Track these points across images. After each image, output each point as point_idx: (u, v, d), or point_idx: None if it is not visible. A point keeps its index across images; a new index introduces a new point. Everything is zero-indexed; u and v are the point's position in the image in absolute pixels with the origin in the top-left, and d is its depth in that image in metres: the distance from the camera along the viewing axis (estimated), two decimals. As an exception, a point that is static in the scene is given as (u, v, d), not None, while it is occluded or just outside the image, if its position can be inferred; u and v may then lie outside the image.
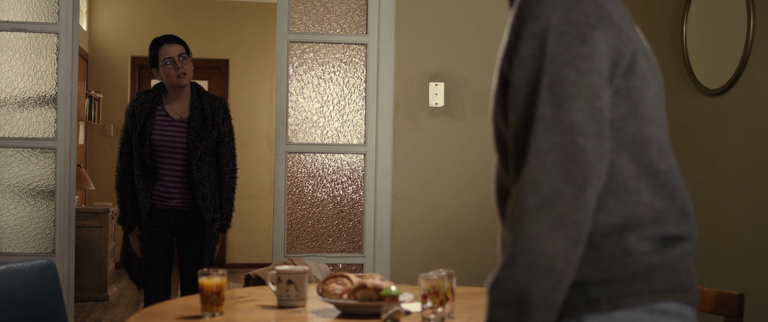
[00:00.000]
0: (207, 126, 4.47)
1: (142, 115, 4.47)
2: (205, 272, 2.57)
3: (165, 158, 4.46)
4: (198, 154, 4.44)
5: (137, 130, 4.46)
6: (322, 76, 4.71)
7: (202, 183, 4.44)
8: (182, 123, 4.49)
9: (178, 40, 4.55)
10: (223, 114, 4.55)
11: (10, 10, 4.54)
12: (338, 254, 4.70)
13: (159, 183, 4.48)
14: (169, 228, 4.55)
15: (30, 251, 4.52)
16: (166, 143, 4.45)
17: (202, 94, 4.57)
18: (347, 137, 4.71)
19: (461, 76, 4.73)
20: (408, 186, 4.71)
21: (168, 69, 4.46)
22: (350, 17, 4.70)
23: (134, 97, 4.59)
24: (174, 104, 4.54)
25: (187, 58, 4.49)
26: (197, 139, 4.44)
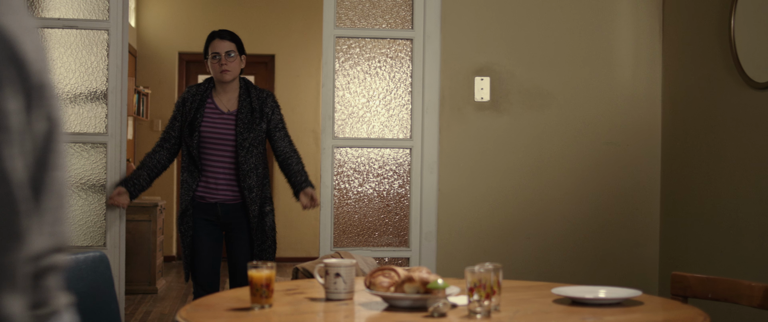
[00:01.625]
0: (255, 118, 4.50)
1: (193, 108, 4.52)
2: (254, 264, 2.60)
3: (213, 151, 4.49)
4: (246, 146, 4.46)
5: (187, 121, 4.52)
6: (368, 71, 4.73)
7: (248, 175, 4.45)
8: (231, 116, 4.52)
9: (232, 37, 4.57)
10: (272, 104, 4.57)
11: (61, 8, 4.61)
12: (384, 247, 4.72)
13: (208, 176, 4.50)
14: (217, 221, 4.54)
15: (82, 244, 4.60)
16: (215, 135, 4.48)
17: (250, 88, 4.60)
18: (393, 132, 4.74)
19: (507, 70, 4.73)
20: (454, 180, 4.72)
21: (213, 63, 4.52)
22: (396, 12, 4.72)
23: (186, 89, 4.66)
24: (223, 98, 4.57)
25: (234, 56, 4.53)
26: (245, 130, 4.46)
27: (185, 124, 4.54)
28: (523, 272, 4.58)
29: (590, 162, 4.79)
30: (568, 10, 4.77)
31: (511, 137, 4.74)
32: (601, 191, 4.80)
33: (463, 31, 4.72)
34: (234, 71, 4.55)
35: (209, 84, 4.63)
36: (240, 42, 4.61)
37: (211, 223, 4.55)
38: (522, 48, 4.75)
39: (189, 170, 4.53)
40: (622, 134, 4.79)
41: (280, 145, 4.56)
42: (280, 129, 4.58)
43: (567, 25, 4.77)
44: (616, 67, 4.80)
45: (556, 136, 4.76)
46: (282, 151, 4.56)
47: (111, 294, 3.03)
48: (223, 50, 4.51)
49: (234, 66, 4.54)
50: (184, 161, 4.55)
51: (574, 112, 4.77)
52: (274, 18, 10.29)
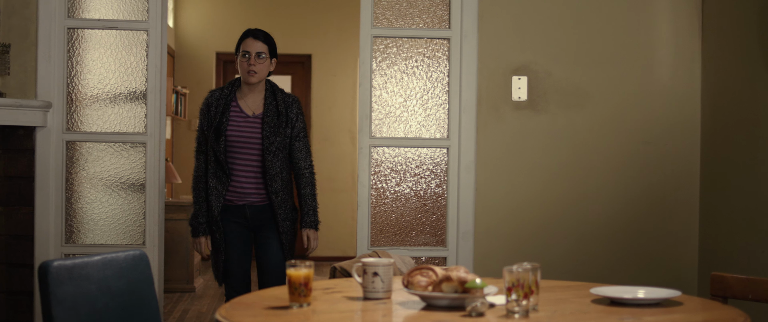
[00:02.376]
0: (281, 122, 4.41)
1: (218, 112, 4.41)
2: (293, 263, 2.61)
3: (240, 155, 4.39)
4: (272, 150, 4.37)
5: (213, 127, 4.39)
6: (405, 71, 4.74)
7: (275, 179, 4.38)
8: (256, 119, 4.41)
9: (266, 38, 4.46)
10: (297, 110, 4.48)
11: (102, 9, 4.66)
12: (422, 247, 4.73)
13: (234, 180, 4.39)
14: (245, 223, 4.45)
15: (121, 243, 4.65)
16: (241, 139, 4.38)
17: (275, 91, 4.50)
18: (430, 131, 4.74)
19: (544, 69, 4.71)
20: (491, 180, 4.71)
21: (242, 62, 4.41)
22: (433, 12, 4.72)
23: (208, 94, 4.51)
24: (248, 100, 4.46)
25: (264, 58, 4.41)
26: (271, 134, 4.37)
27: (211, 129, 4.40)
28: (561, 272, 4.56)
29: (628, 162, 4.76)
30: (606, 8, 4.75)
31: (548, 137, 4.73)
32: (640, 191, 4.77)
33: (501, 30, 4.71)
34: (261, 74, 4.43)
35: (233, 86, 4.50)
36: (273, 45, 4.50)
37: (240, 225, 4.46)
38: (559, 47, 4.73)
39: (217, 176, 4.41)
40: (660, 133, 4.76)
41: (297, 157, 4.48)
42: (301, 138, 4.48)
43: (605, 24, 4.75)
44: (655, 65, 4.77)
45: (593, 135, 4.74)
46: (297, 163, 4.48)
47: (151, 292, 3.06)
48: (254, 50, 4.40)
49: (262, 68, 4.42)
50: (212, 166, 4.41)
51: (611, 111, 4.75)
52: (311, 18, 10.32)
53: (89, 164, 4.65)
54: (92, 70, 4.66)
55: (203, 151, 4.45)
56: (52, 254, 4.55)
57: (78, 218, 4.65)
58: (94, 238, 4.66)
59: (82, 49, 4.65)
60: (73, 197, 4.64)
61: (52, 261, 2.73)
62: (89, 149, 4.65)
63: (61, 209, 4.59)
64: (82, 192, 4.65)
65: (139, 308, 3.00)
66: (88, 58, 4.65)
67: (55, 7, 4.55)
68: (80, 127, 4.64)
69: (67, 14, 4.59)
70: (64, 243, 4.60)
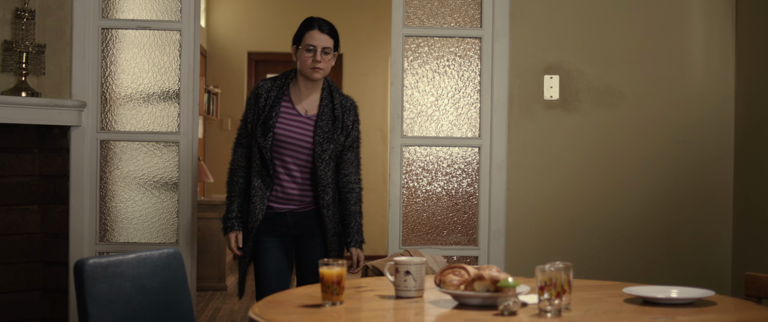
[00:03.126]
0: (336, 128, 4.06)
1: (268, 105, 4.04)
2: (325, 262, 2.63)
3: (286, 157, 4.02)
4: (325, 158, 4.00)
5: (260, 120, 4.03)
6: (437, 70, 4.74)
7: (326, 190, 4.03)
8: (309, 120, 4.04)
9: (332, 32, 4.11)
10: (354, 117, 4.14)
11: (135, 9, 4.70)
12: (453, 246, 4.73)
13: (278, 183, 4.03)
14: (287, 232, 4.09)
15: (154, 241, 4.68)
16: (290, 140, 4.01)
17: (334, 91, 4.15)
18: (462, 130, 4.73)
19: (576, 68, 4.70)
20: (523, 179, 4.71)
21: (305, 56, 4.01)
22: (464, 11, 4.72)
23: (259, 83, 4.15)
24: (302, 97, 4.09)
25: (330, 54, 4.05)
26: (325, 140, 4.01)
27: (258, 122, 4.03)
28: (593, 271, 4.55)
29: (661, 161, 4.73)
30: (639, 6, 4.72)
31: (580, 136, 4.71)
32: (673, 190, 4.74)
33: (533, 29, 4.70)
34: (327, 70, 4.08)
35: (286, 80, 4.12)
36: (338, 38, 4.15)
37: (280, 235, 4.09)
38: (592, 46, 4.72)
39: (262, 176, 4.04)
40: (693, 133, 4.73)
41: (346, 169, 4.14)
42: (354, 149, 4.16)
43: (637, 22, 4.72)
44: (688, 64, 4.75)
45: (626, 134, 4.72)
46: (347, 177, 4.14)
47: (184, 290, 3.08)
48: (321, 45, 4.03)
49: (327, 65, 4.07)
50: (256, 165, 4.04)
51: (644, 110, 4.72)
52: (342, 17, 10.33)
53: (123, 163, 4.69)
54: (126, 70, 4.70)
55: (243, 145, 4.13)
56: (87, 253, 4.59)
57: (112, 217, 4.69)
58: (127, 236, 4.70)
59: (116, 49, 4.69)
60: (107, 195, 4.68)
61: (87, 259, 2.76)
62: (123, 148, 4.69)
63: (96, 208, 4.64)
64: (116, 191, 4.69)
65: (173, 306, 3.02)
66: (121, 58, 4.69)
67: (89, 8, 4.59)
68: (114, 126, 4.68)
69: (101, 14, 4.63)
70: (99, 241, 4.64)
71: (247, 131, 4.12)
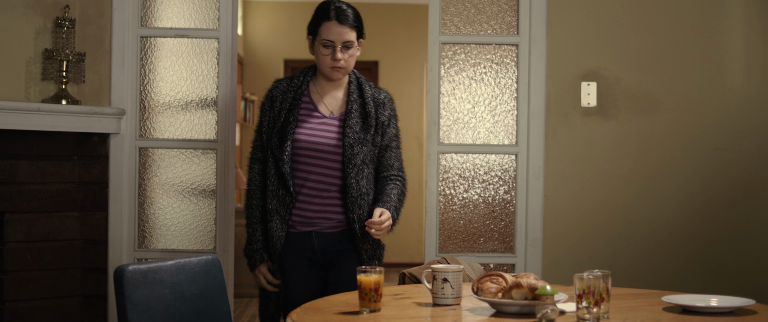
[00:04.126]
0: (368, 126, 3.52)
1: (284, 108, 3.51)
2: (363, 269, 2.63)
3: (309, 166, 3.48)
4: (356, 164, 3.47)
5: (276, 127, 3.50)
6: (474, 77, 4.74)
7: (358, 202, 3.49)
8: (335, 120, 3.54)
9: (354, 21, 3.53)
10: (390, 111, 3.65)
11: (173, 18, 4.73)
12: (490, 253, 4.71)
13: (300, 200, 3.49)
14: (313, 257, 3.55)
15: (192, 248, 4.71)
16: (313, 146, 3.48)
17: (363, 84, 3.62)
18: (499, 138, 4.72)
19: (614, 75, 4.68)
20: (560, 186, 4.69)
21: (322, 53, 3.51)
22: (501, 18, 4.71)
23: (272, 85, 3.66)
24: (325, 95, 3.59)
25: (352, 48, 3.51)
26: (356, 142, 3.47)
27: (273, 130, 3.51)
28: (631, 279, 4.52)
29: (700, 168, 4.70)
30: (677, 12, 4.69)
31: (618, 143, 4.69)
32: (711, 198, 4.70)
33: (570, 35, 4.69)
34: (348, 68, 3.54)
35: (305, 77, 3.61)
36: (361, 25, 3.59)
37: (304, 260, 3.54)
38: (629, 52, 4.69)
39: (279, 196, 3.47)
40: (733, 140, 4.69)
41: (385, 172, 3.62)
42: (393, 148, 3.64)
43: (676, 28, 4.69)
44: (727, 70, 4.71)
45: (664, 141, 4.69)
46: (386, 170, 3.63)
47: (223, 297, 3.10)
48: (340, 40, 3.48)
49: (349, 61, 3.52)
50: (272, 182, 3.49)
51: (683, 117, 4.69)
52: (378, 24, 10.36)
53: (161, 170, 4.72)
54: (164, 78, 4.74)
55: (259, 159, 3.60)
56: (126, 259, 4.63)
57: (150, 224, 4.73)
58: (166, 243, 4.73)
59: (155, 58, 4.73)
60: (145, 202, 4.71)
61: (127, 266, 2.79)
62: (161, 156, 4.73)
63: (134, 215, 4.67)
64: (155, 198, 4.73)
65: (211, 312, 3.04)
66: (160, 66, 4.73)
67: (128, 16, 4.63)
68: (153, 134, 4.72)
69: (140, 23, 4.67)
70: (137, 248, 4.68)
71: (263, 143, 3.58)
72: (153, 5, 4.71)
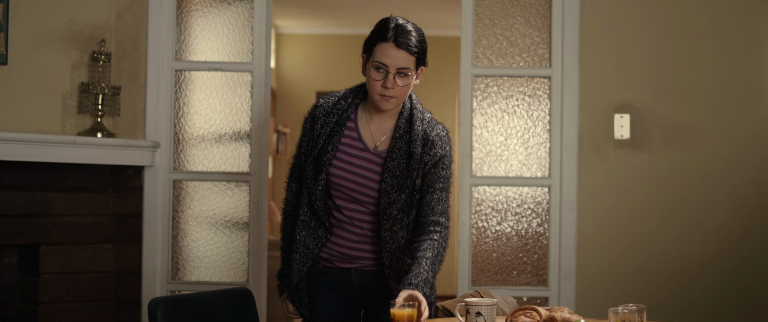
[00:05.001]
0: (411, 169, 3.04)
1: (324, 133, 3.10)
2: (394, 303, 2.63)
3: (344, 203, 3.13)
4: (393, 214, 3.05)
5: (313, 153, 3.11)
6: (506, 110, 4.73)
7: (395, 255, 3.10)
8: (377, 157, 3.10)
9: (415, 45, 3.02)
10: (440, 152, 3.11)
11: (207, 51, 4.78)
12: (523, 286, 4.69)
13: (336, 235, 3.16)
14: (352, 295, 3.23)
15: (225, 280, 4.72)
16: (348, 185, 3.10)
17: (415, 117, 3.12)
18: (531, 170, 4.71)
19: (647, 107, 4.66)
20: (593, 219, 4.66)
21: (374, 78, 3.02)
22: (533, 50, 4.71)
23: (317, 102, 3.22)
24: (373, 123, 3.14)
25: (408, 76, 3.02)
26: (393, 190, 3.02)
27: (310, 156, 3.11)
28: (666, 313, 4.47)
29: (735, 201, 4.65)
30: (711, 43, 4.67)
31: (652, 175, 4.66)
32: (747, 231, 4.65)
33: (602, 67, 4.68)
34: (400, 99, 3.05)
35: (354, 98, 3.17)
36: (423, 52, 3.10)
37: (341, 294, 3.22)
38: (663, 84, 4.67)
39: (309, 227, 3.13)
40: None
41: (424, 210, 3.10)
42: (439, 189, 3.10)
43: (710, 60, 4.67)
44: (763, 101, 4.67)
45: (699, 173, 4.65)
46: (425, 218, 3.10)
47: (256, 329, 3.10)
48: (395, 66, 2.99)
49: (402, 91, 3.03)
50: (304, 212, 3.14)
51: (718, 148, 4.65)
52: (410, 57, 10.39)
53: (195, 202, 4.75)
54: (198, 111, 4.77)
55: (297, 179, 3.26)
56: (159, 291, 4.64)
57: (184, 256, 4.75)
58: (199, 275, 4.74)
59: (189, 91, 4.76)
60: (179, 234, 4.74)
61: (161, 298, 2.80)
62: (195, 188, 4.75)
63: (168, 247, 4.69)
64: (188, 230, 4.75)
65: (244, 345, 3.05)
66: (194, 99, 4.77)
67: (163, 50, 4.68)
68: (186, 166, 4.75)
69: (175, 57, 4.71)
70: (170, 280, 4.70)
71: (301, 164, 3.21)
72: (187, 39, 4.75)
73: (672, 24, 4.66)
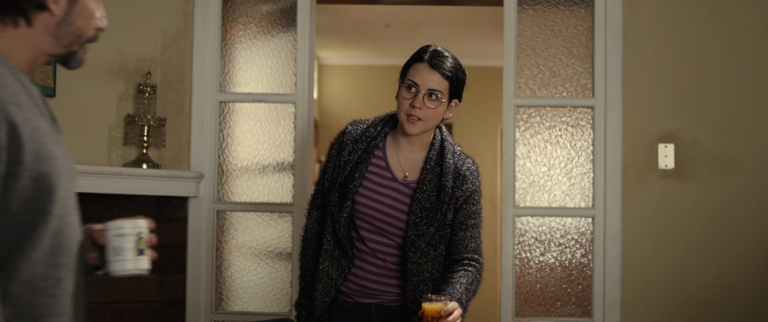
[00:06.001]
0: (442, 201, 2.95)
1: (351, 161, 3.03)
2: (428, 297, 2.64)
3: (369, 235, 3.03)
4: (421, 247, 2.95)
5: (339, 180, 3.02)
6: (549, 140, 4.72)
7: (419, 289, 2.99)
8: (406, 188, 3.02)
9: (449, 70, 2.96)
10: (472, 186, 3.02)
11: (251, 83, 4.82)
12: (567, 318, 4.65)
13: (358, 266, 3.05)
14: None
15: (269, 311, 4.73)
16: (374, 214, 3.00)
17: (446, 149, 3.04)
18: (575, 200, 4.69)
19: (692, 137, 4.62)
20: (638, 250, 4.62)
21: (404, 96, 2.98)
22: (576, 80, 4.70)
23: (345, 128, 3.19)
24: (402, 153, 3.07)
25: (438, 99, 2.94)
26: (422, 222, 2.94)
27: (335, 183, 3.02)
28: (713, 345, 4.42)
29: (783, 231, 4.59)
30: (755, 71, 4.63)
31: (697, 206, 4.61)
32: (796, 262, 4.59)
33: (645, 97, 4.65)
34: (427, 123, 2.96)
35: (384, 126, 3.13)
36: (457, 81, 3.01)
37: None
38: (707, 113, 4.63)
39: (333, 257, 3.02)
40: (817, 202, 4.59)
41: (457, 248, 3.04)
42: (471, 226, 3.03)
43: (755, 87, 4.62)
44: (809, 132, 4.62)
45: (745, 204, 4.60)
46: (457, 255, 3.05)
47: (299, 361, 3.10)
48: (426, 86, 2.93)
49: (430, 114, 2.94)
50: (328, 241, 3.04)
51: (764, 179, 4.60)
52: (452, 87, 10.40)
53: (238, 232, 4.77)
54: (242, 142, 4.81)
55: (319, 206, 3.18)
56: (203, 321, 4.67)
57: (227, 286, 4.77)
58: (242, 305, 4.76)
59: (233, 122, 4.81)
60: (222, 265, 4.76)
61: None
62: (239, 219, 4.78)
63: (212, 277, 4.72)
64: (232, 260, 4.77)
65: (288, 376, 3.05)
66: (238, 130, 4.81)
67: (207, 82, 4.72)
68: (230, 197, 4.78)
69: (219, 89, 4.76)
70: (214, 310, 4.72)
71: (324, 189, 3.12)
72: (231, 71, 4.80)
73: (715, 53, 4.63)
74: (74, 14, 1.93)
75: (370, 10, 8.06)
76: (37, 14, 1.87)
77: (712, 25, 4.63)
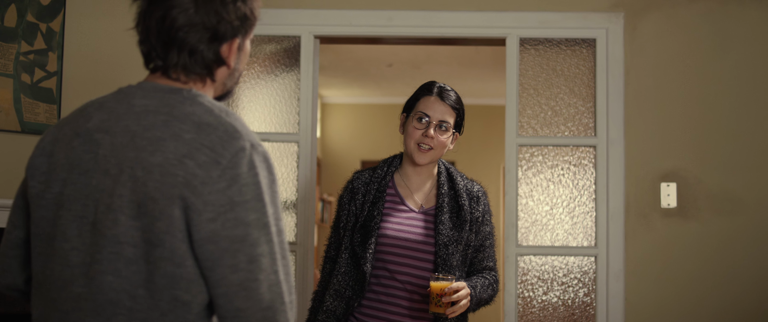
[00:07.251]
0: (463, 221, 3.10)
1: (367, 201, 3.12)
2: (436, 276, 2.76)
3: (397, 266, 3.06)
4: (453, 265, 3.05)
5: (359, 222, 3.09)
6: (551, 179, 4.73)
7: None
8: (424, 216, 3.14)
9: (455, 103, 3.19)
10: (485, 207, 3.26)
11: (255, 122, 4.84)
12: (570, 357, 4.64)
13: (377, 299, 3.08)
14: None
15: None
16: (403, 243, 3.07)
17: (454, 175, 3.23)
18: (577, 239, 4.69)
19: (694, 176, 4.63)
20: (641, 289, 4.62)
21: (415, 127, 3.13)
22: (578, 119, 4.72)
23: (352, 176, 3.30)
24: (413, 188, 3.20)
25: (447, 131, 3.15)
26: (450, 241, 3.05)
27: (355, 226, 3.10)
28: (717, 385, 4.40)
29: (786, 270, 4.59)
30: (757, 109, 4.65)
31: (700, 245, 4.61)
32: (799, 301, 4.58)
33: (648, 136, 4.67)
34: (436, 153, 3.14)
35: (389, 166, 3.24)
36: (461, 114, 3.25)
37: None
38: (710, 152, 4.65)
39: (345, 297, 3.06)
40: (819, 241, 4.59)
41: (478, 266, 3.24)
42: (488, 246, 3.26)
43: (757, 126, 4.64)
44: (811, 171, 4.63)
45: (747, 243, 4.60)
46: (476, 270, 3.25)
47: None
48: (437, 118, 3.11)
49: (440, 144, 3.13)
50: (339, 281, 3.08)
51: (767, 217, 4.61)
52: (454, 126, 10.44)
53: (241, 271, 4.76)
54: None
55: (333, 259, 3.23)
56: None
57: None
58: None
59: (236, 161, 4.81)
60: (225, 304, 4.75)
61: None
62: (241, 257, 4.77)
63: (214, 316, 4.70)
64: (234, 299, 4.76)
65: None
66: (241, 169, 4.81)
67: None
68: (233, 236, 4.77)
69: (222, 127, 4.77)
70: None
71: (339, 240, 3.19)
72: (235, 111, 4.83)
73: (717, 92, 4.65)
74: (241, 61, 2.06)
75: (373, 50, 8.11)
76: (218, 70, 2.02)
77: (713, 65, 4.66)
